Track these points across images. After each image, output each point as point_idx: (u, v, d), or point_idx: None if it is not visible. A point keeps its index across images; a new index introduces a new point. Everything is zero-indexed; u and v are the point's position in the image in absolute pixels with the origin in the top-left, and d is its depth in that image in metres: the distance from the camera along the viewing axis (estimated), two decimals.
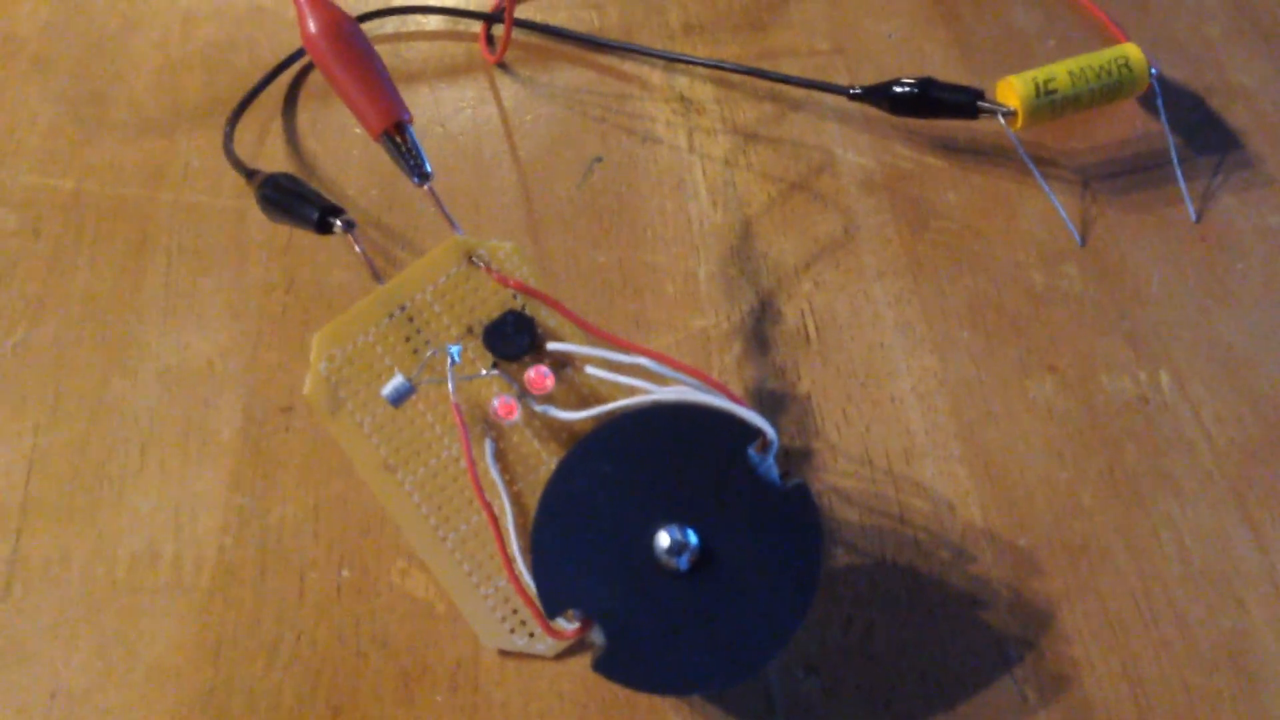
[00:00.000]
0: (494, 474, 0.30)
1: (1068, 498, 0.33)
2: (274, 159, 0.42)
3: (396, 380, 0.29)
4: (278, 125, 0.43)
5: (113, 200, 0.41)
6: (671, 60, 0.45)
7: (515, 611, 0.31)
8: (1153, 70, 0.39)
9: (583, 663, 0.31)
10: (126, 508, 0.33)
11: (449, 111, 0.44)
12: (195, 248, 0.39)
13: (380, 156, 0.41)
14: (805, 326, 0.37)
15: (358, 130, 0.43)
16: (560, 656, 0.31)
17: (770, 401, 0.35)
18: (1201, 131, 0.41)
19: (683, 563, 0.27)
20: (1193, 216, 0.39)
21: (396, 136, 0.32)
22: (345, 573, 0.32)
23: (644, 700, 0.30)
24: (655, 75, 0.45)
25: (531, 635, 0.31)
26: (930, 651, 0.30)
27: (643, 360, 0.29)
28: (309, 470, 0.34)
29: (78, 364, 0.36)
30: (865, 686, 0.30)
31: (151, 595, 0.32)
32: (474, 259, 0.31)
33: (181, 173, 0.42)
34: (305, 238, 0.39)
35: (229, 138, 0.40)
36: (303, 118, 0.44)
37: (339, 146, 0.42)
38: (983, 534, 0.32)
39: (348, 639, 0.31)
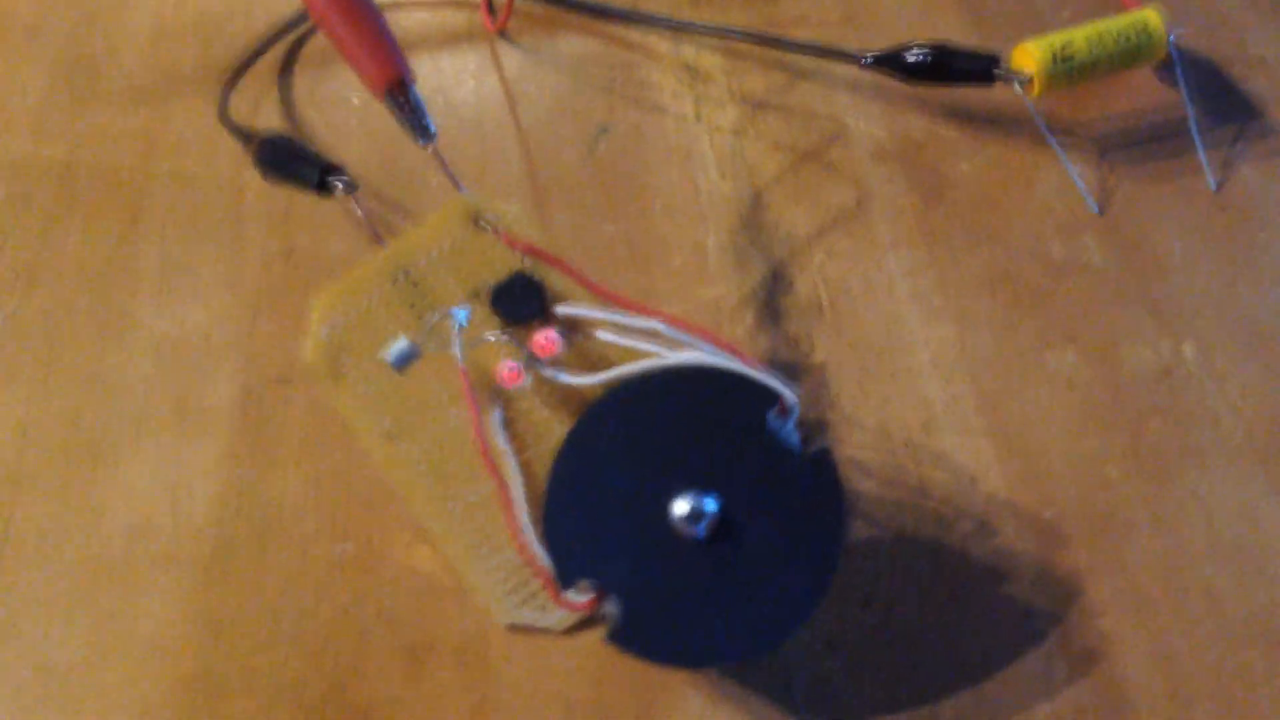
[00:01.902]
0: (501, 442, 0.29)
1: (1092, 470, 0.32)
2: (269, 128, 0.41)
3: (400, 343, 0.28)
4: (273, 94, 0.42)
5: (105, 170, 0.40)
6: (678, 29, 0.44)
7: (525, 584, 0.30)
8: (1170, 37, 0.38)
9: (594, 637, 0.29)
10: (120, 481, 0.32)
11: (450, 81, 0.42)
12: (190, 218, 0.38)
13: (379, 126, 0.40)
14: (818, 297, 0.36)
15: (355, 100, 0.42)
16: (570, 631, 0.30)
17: (784, 372, 0.34)
18: (1219, 101, 0.40)
19: (700, 531, 0.26)
20: (1212, 186, 0.38)
21: (400, 96, 0.30)
22: (347, 547, 0.31)
23: (657, 674, 0.29)
24: (661, 44, 0.44)
25: (542, 609, 0.30)
26: (954, 627, 0.29)
27: (655, 324, 0.28)
28: (308, 442, 0.33)
29: (70, 336, 0.35)
30: (887, 664, 0.29)
31: (147, 570, 0.31)
32: (480, 221, 0.30)
33: (175, 142, 0.41)
34: (303, 207, 0.38)
35: (224, 104, 0.39)
36: (299, 86, 0.42)
37: (336, 115, 0.41)
38: (1005, 507, 0.31)
39: (350, 615, 0.30)
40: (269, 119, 0.41)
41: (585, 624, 0.30)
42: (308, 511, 0.32)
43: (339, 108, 0.42)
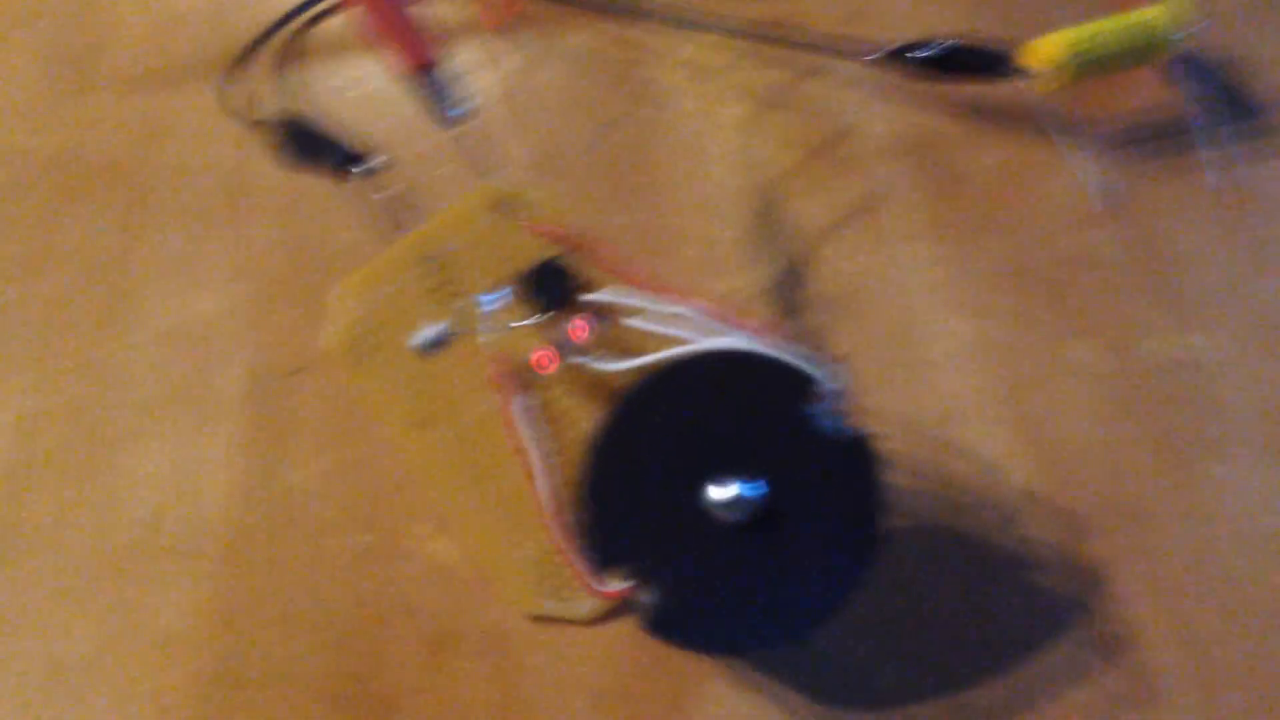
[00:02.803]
0: (529, 430, 0.28)
1: (1113, 460, 0.32)
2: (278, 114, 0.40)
3: (428, 330, 0.28)
4: (269, 87, 0.42)
5: (104, 159, 0.39)
6: (682, 25, 0.43)
7: (550, 575, 0.29)
8: (1179, 35, 0.39)
9: (619, 626, 0.29)
10: (127, 471, 0.32)
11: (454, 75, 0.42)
12: (192, 207, 0.38)
13: (379, 120, 0.40)
14: (834, 291, 0.36)
15: (351, 93, 0.41)
16: (595, 621, 0.29)
17: (806, 356, 0.34)
18: (1224, 100, 0.41)
19: (738, 517, 0.25)
20: (1217, 183, 0.38)
21: (430, 78, 0.30)
22: (367, 537, 0.31)
23: (685, 662, 0.29)
24: (666, 41, 0.43)
25: (566, 599, 0.29)
26: (982, 615, 0.29)
27: (688, 309, 0.28)
28: (322, 433, 0.32)
29: (71, 325, 0.35)
30: (917, 650, 0.29)
31: (157, 562, 0.30)
32: (507, 207, 0.29)
33: (175, 131, 0.40)
34: (307, 198, 0.37)
35: (223, 93, 0.39)
36: (296, 80, 0.42)
37: (333, 109, 0.41)
38: (1029, 497, 0.31)
39: (369, 606, 0.30)
40: (265, 111, 0.41)
41: (610, 613, 0.29)
42: (324, 501, 0.31)
43: (336, 99, 0.41)
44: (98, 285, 0.35)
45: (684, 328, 0.28)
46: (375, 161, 0.30)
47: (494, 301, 0.28)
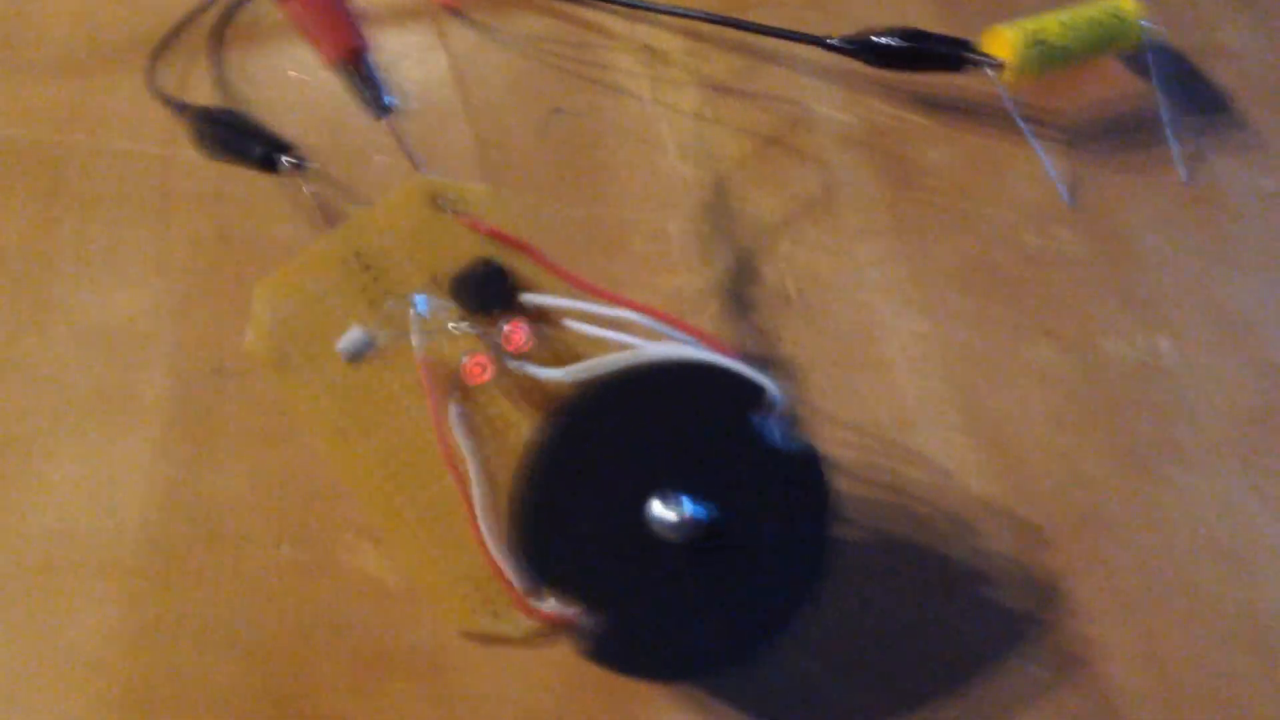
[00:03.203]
0: (462, 439, 0.27)
1: (1072, 467, 0.31)
2: (203, 102, 0.38)
3: (353, 333, 0.26)
4: (201, 68, 0.40)
5: (21, 144, 0.37)
6: (635, 7, 0.42)
7: (481, 589, 0.28)
8: (1143, 24, 0.37)
9: (559, 644, 0.28)
10: (37, 478, 0.30)
11: (396, 57, 0.40)
12: (115, 196, 0.36)
13: (320, 102, 0.38)
14: (785, 287, 0.35)
15: (292, 74, 0.39)
16: (532, 638, 0.28)
17: (752, 365, 0.33)
18: (1189, 92, 0.40)
19: (681, 535, 0.24)
20: (1184, 178, 0.37)
21: (357, 67, 0.28)
22: (287, 549, 0.29)
23: (630, 684, 0.27)
24: (618, 24, 0.42)
25: (496, 615, 0.28)
26: (936, 629, 0.28)
27: (630, 314, 0.26)
28: (245, 437, 0.31)
29: None
30: (868, 664, 0.28)
31: (73, 576, 0.29)
32: (441, 202, 0.28)
33: (98, 117, 0.38)
34: (237, 188, 0.36)
35: (151, 75, 0.37)
36: (230, 59, 0.40)
37: (272, 91, 0.39)
38: (984, 505, 0.30)
39: (292, 622, 0.28)
40: (198, 93, 0.39)
41: (549, 631, 0.28)
42: (249, 511, 0.30)
43: (274, 81, 0.39)
44: (10, 278, 0.34)
45: (628, 333, 0.26)
46: (299, 157, 0.28)
47: (427, 303, 0.26)
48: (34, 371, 0.32)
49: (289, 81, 0.39)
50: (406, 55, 0.40)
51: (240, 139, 0.29)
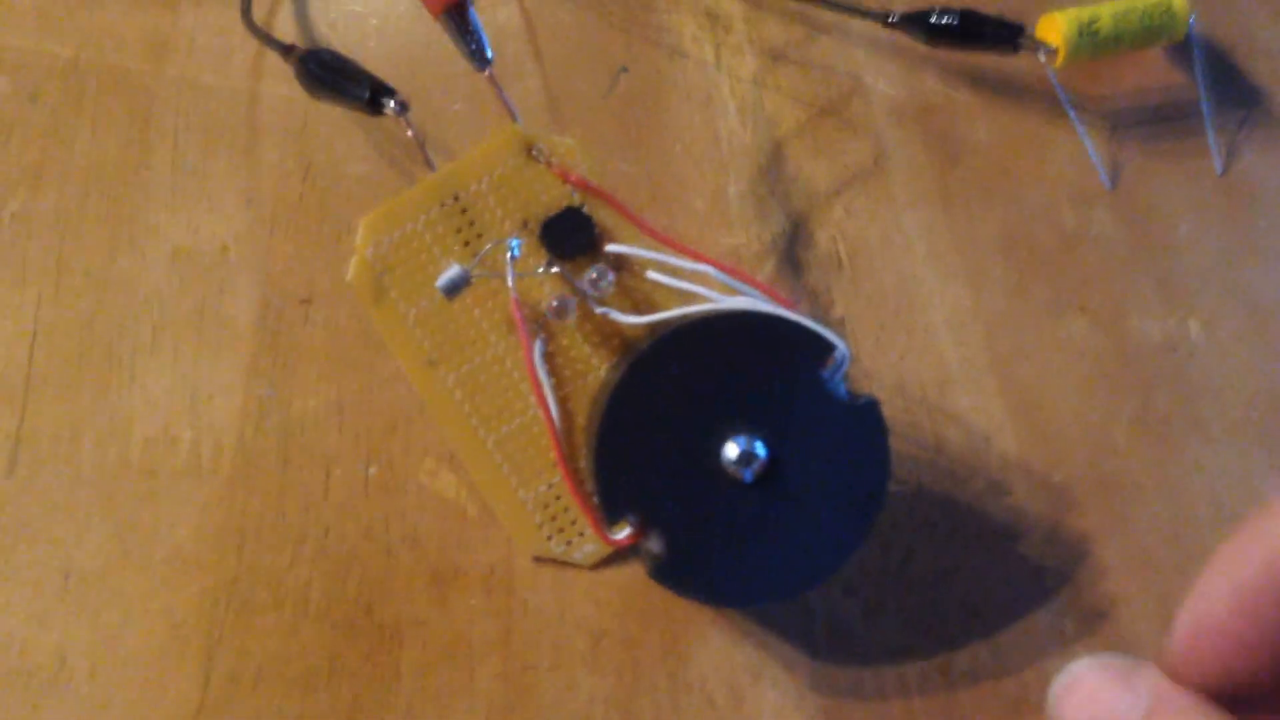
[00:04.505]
0: (543, 375, 0.29)
1: (1101, 436, 0.33)
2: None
3: (453, 270, 0.28)
4: (286, 8, 0.41)
5: (114, 71, 0.38)
6: None
7: (554, 518, 0.30)
8: (1190, 19, 0.39)
9: (618, 571, 0.30)
10: (139, 388, 0.32)
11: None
12: (204, 127, 0.37)
13: (401, 49, 0.40)
14: (837, 252, 0.37)
15: (373, 21, 0.41)
16: (596, 566, 0.30)
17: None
18: (1227, 87, 0.42)
19: (748, 474, 0.26)
20: (1219, 169, 0.39)
21: (459, 17, 0.30)
22: (372, 469, 0.31)
23: (682, 610, 0.30)
24: None
25: (569, 543, 0.30)
26: (968, 579, 0.31)
27: (708, 269, 0.28)
28: (332, 363, 0.33)
29: (82, 237, 0.34)
30: (904, 609, 0.30)
31: (169, 479, 0.31)
32: (533, 151, 0.30)
33: (187, 49, 0.39)
34: (320, 124, 0.37)
35: (247, 11, 0.38)
36: (314, 3, 0.41)
37: (353, 36, 0.40)
38: (1017, 467, 0.32)
39: (376, 536, 0.30)
40: (284, 33, 0.40)
41: (609, 559, 0.30)
42: (331, 431, 0.32)
43: (356, 25, 0.41)
44: (107, 199, 0.35)
45: (702, 285, 0.28)
46: (402, 99, 0.30)
47: (520, 246, 0.28)
48: (134, 289, 0.33)
49: (370, 28, 0.41)
50: (479, 7, 0.42)
51: (347, 82, 0.30)
